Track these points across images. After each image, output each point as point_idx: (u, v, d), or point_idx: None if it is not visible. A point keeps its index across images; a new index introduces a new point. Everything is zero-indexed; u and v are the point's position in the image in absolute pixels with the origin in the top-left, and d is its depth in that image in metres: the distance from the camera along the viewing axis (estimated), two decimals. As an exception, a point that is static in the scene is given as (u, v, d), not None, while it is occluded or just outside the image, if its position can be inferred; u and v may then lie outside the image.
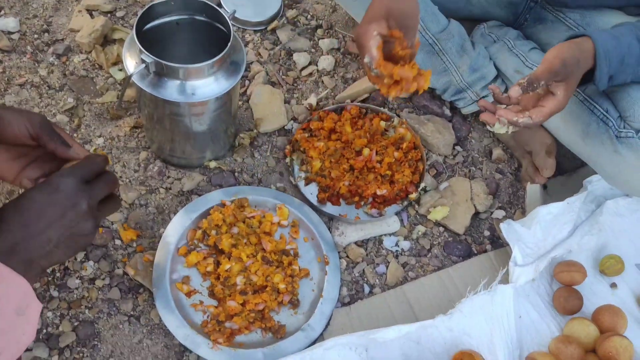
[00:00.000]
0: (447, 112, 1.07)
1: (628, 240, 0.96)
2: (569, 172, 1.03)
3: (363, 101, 1.08)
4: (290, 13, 1.19)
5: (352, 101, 1.08)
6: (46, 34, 1.09)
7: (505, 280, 0.86)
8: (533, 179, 0.97)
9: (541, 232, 0.89)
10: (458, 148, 1.06)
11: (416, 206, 0.99)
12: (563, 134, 0.93)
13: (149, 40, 0.82)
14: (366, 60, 0.70)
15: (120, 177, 0.95)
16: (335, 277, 0.90)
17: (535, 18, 1.02)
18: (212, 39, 0.87)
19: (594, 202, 0.96)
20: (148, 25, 0.85)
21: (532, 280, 0.87)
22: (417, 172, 0.99)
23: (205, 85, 0.83)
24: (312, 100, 1.07)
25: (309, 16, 1.20)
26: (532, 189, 0.97)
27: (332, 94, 1.10)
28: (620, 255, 0.93)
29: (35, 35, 1.09)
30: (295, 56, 1.13)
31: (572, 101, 0.86)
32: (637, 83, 0.81)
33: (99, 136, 0.99)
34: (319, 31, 1.18)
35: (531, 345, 0.85)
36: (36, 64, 1.05)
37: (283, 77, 1.11)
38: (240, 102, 1.05)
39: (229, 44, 0.81)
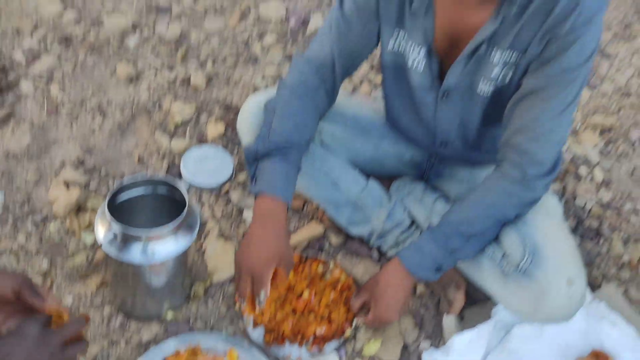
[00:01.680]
0: (375, 255, 1.25)
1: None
2: (482, 301, 1.19)
3: (305, 248, 1.26)
4: (241, 176, 1.40)
5: (294, 250, 1.25)
6: (26, 205, 1.26)
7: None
8: (448, 311, 1.13)
9: (458, 358, 1.03)
10: (388, 286, 1.23)
11: (353, 341, 1.12)
12: (466, 270, 1.11)
13: (118, 210, 0.99)
14: (262, 296, 0.93)
15: (86, 332, 1.06)
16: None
17: (436, 173, 1.26)
18: (172, 205, 1.05)
19: (503, 328, 1.11)
20: (117, 199, 1.03)
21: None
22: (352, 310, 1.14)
23: (164, 246, 0.99)
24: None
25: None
26: (448, 320, 1.12)
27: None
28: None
29: (17, 206, 1.26)
30: (246, 213, 1.32)
31: None
32: (511, 226, 1.02)
33: (69, 294, 1.11)
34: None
35: None
36: (16, 232, 1.21)
37: (234, 232, 1.29)
38: (196, 256, 1.21)
39: (184, 212, 0.99)
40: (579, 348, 1.13)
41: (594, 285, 1.28)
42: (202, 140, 1.44)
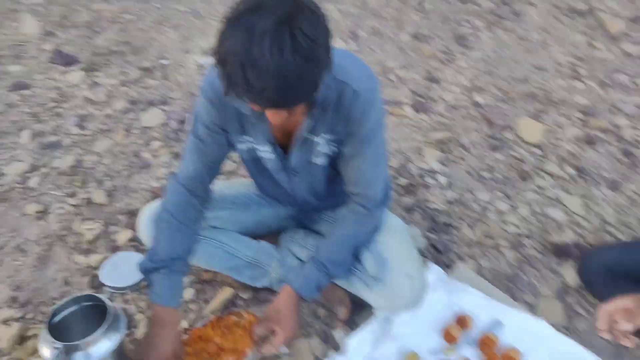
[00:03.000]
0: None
1: (417, 338, 1.41)
2: (366, 306, 1.49)
3: (223, 310, 1.51)
4: (157, 268, 1.64)
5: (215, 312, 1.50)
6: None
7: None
8: (337, 323, 1.43)
9: (354, 356, 1.31)
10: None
11: (277, 372, 1.38)
12: (344, 285, 1.41)
13: (57, 329, 1.21)
14: None
15: None
16: None
17: (309, 220, 1.57)
18: (102, 311, 1.28)
19: (386, 320, 1.41)
20: (54, 321, 1.25)
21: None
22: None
23: (100, 347, 1.21)
24: (184, 324, 1.48)
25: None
26: (337, 330, 1.42)
27: (200, 315, 1.52)
28: (416, 351, 1.37)
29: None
30: (167, 297, 1.56)
31: None
32: (365, 247, 1.34)
33: (30, 413, 1.29)
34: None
35: None
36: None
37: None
38: (131, 345, 1.43)
39: (107, 317, 1.23)
40: (447, 317, 1.46)
41: (451, 266, 1.63)
42: (115, 249, 1.68)
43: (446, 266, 1.63)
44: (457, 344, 1.41)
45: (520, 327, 1.44)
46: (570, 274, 1.63)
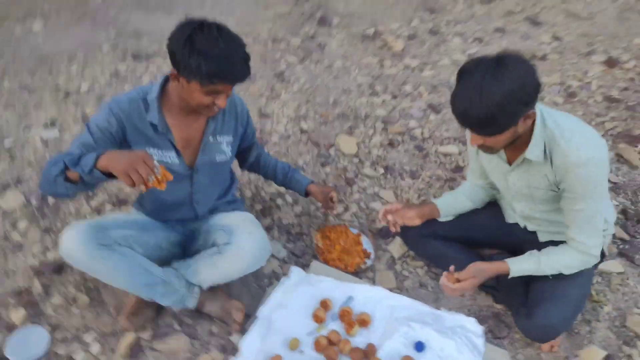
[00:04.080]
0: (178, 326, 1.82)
1: (294, 326, 1.81)
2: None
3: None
4: (57, 334, 1.81)
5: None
6: None
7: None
8: (234, 329, 1.79)
9: (247, 354, 1.67)
10: (196, 340, 1.80)
11: None
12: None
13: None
14: (157, 167, 1.43)
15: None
16: None
17: (193, 239, 1.88)
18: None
19: (265, 318, 1.79)
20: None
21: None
22: None
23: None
24: None
25: (70, 329, 1.84)
26: (235, 337, 1.77)
27: (109, 361, 1.74)
28: (296, 337, 1.77)
29: None
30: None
31: None
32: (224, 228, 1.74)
33: None
34: None
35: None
36: None
37: (74, 373, 1.71)
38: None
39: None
40: (313, 304, 1.88)
41: (308, 265, 2.06)
42: (11, 327, 1.80)
43: (305, 266, 2.05)
44: (324, 322, 1.83)
45: (366, 296, 1.92)
46: (395, 248, 2.17)
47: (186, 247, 1.91)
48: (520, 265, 1.74)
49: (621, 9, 4.30)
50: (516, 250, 1.83)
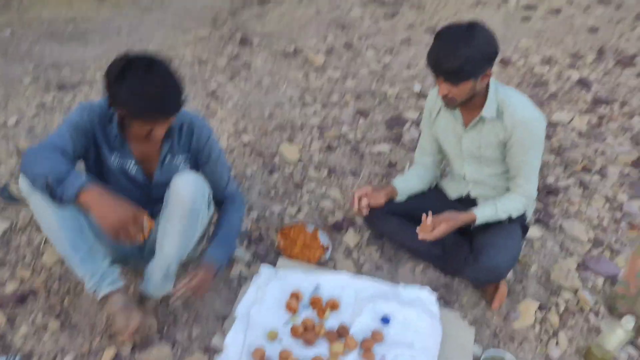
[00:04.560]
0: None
1: (270, 319, 1.93)
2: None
3: None
4: (33, 362, 1.80)
5: None
6: None
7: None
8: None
9: (232, 351, 1.78)
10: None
11: None
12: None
13: None
14: (145, 224, 1.57)
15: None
16: None
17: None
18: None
19: (246, 315, 1.91)
20: None
21: None
22: None
23: None
24: None
25: None
26: (215, 337, 1.86)
27: (94, 378, 1.76)
28: (273, 329, 1.89)
29: None
30: (56, 379, 1.74)
31: None
32: None
33: None
34: None
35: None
36: None
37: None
38: None
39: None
40: (285, 297, 2.02)
41: (275, 263, 2.20)
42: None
43: (271, 264, 2.19)
44: (298, 312, 1.98)
45: (331, 283, 2.09)
46: (349, 239, 2.37)
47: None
48: (482, 212, 2.05)
49: (505, 17, 4.89)
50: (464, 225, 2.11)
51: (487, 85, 1.92)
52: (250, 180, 2.72)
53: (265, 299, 1.98)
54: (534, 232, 2.46)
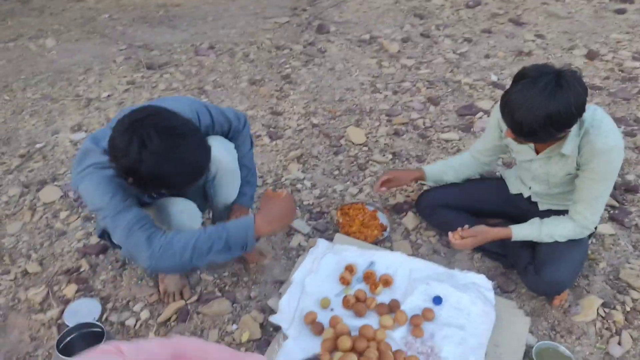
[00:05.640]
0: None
1: (324, 288, 2.00)
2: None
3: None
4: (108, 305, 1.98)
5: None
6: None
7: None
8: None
9: (286, 311, 1.86)
10: (235, 305, 1.99)
11: (235, 342, 1.85)
12: None
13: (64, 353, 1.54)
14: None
15: None
16: None
17: None
18: (97, 337, 1.63)
19: (300, 283, 1.98)
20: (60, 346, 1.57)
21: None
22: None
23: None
24: (152, 335, 1.87)
25: None
26: (271, 300, 1.95)
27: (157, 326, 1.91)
28: (327, 296, 1.96)
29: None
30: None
31: None
32: None
33: None
34: None
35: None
36: None
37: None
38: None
39: (106, 338, 1.59)
40: (339, 269, 2.06)
41: (332, 238, 2.26)
42: (66, 301, 1.98)
43: (329, 239, 2.25)
44: (350, 284, 2.03)
45: (386, 261, 2.11)
46: (408, 221, 2.38)
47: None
48: (522, 231, 1.96)
49: (596, 9, 4.62)
50: (519, 220, 2.04)
51: None
52: (315, 159, 2.80)
53: (320, 269, 2.05)
54: (606, 228, 2.35)
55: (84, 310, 1.92)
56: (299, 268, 2.06)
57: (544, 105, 1.52)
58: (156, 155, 1.34)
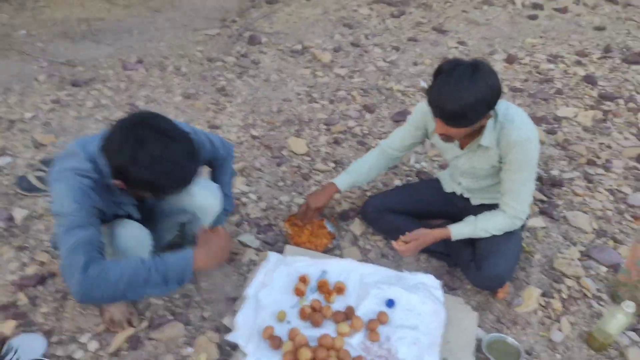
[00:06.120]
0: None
1: (279, 301, 1.99)
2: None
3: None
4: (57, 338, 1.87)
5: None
6: None
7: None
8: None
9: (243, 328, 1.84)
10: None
11: None
12: None
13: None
14: None
15: None
16: None
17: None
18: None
19: (255, 297, 1.97)
20: None
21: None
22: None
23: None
24: None
25: None
26: (226, 318, 1.92)
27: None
28: (282, 309, 1.95)
29: None
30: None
31: None
32: None
33: None
34: None
35: None
36: None
37: None
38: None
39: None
40: (293, 281, 2.07)
41: (282, 250, 2.26)
42: (5, 339, 1.84)
43: (279, 251, 2.25)
44: (305, 295, 2.04)
45: (337, 268, 2.14)
46: (355, 228, 2.42)
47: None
48: (459, 230, 2.06)
49: (511, 15, 4.93)
50: (457, 218, 2.15)
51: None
52: (259, 172, 2.79)
53: (273, 283, 2.04)
54: (537, 222, 2.51)
55: (25, 347, 1.80)
56: (252, 283, 2.05)
57: (468, 88, 1.64)
58: (150, 156, 1.37)
